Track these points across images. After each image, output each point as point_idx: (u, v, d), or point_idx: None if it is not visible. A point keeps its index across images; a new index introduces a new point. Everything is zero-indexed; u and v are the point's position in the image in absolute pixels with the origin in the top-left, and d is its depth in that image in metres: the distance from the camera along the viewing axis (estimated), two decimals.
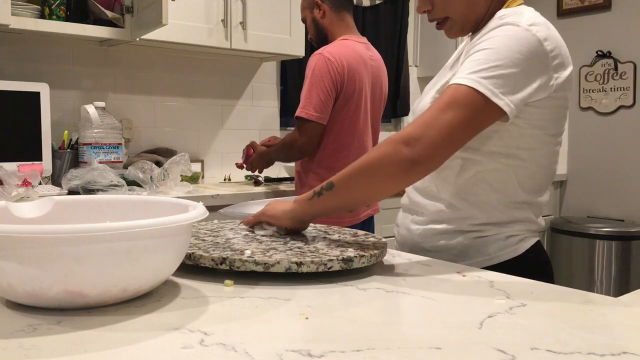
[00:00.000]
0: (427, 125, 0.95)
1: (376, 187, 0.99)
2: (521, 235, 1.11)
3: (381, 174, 0.97)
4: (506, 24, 1.01)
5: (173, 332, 0.64)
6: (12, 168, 1.93)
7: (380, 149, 0.97)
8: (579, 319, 0.71)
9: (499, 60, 0.97)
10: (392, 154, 0.95)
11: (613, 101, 3.62)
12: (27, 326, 0.65)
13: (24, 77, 2.35)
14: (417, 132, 0.95)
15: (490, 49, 0.99)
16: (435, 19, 1.15)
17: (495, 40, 1.00)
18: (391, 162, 0.95)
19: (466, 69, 0.99)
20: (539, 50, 1.00)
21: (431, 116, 0.96)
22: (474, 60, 0.99)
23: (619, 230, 3.36)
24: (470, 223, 1.10)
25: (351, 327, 0.66)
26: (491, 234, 1.10)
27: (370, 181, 0.98)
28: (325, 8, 2.24)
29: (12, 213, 0.84)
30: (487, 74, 0.97)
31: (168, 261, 0.75)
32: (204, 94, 2.92)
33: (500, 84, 0.96)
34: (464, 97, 0.96)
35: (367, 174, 0.97)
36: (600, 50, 3.64)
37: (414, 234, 1.17)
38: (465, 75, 0.98)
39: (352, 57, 2.15)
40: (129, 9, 2.28)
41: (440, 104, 0.97)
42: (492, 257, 1.09)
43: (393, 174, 0.96)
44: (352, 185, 0.99)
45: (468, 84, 0.96)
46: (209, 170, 2.95)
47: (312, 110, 2.08)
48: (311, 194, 1.02)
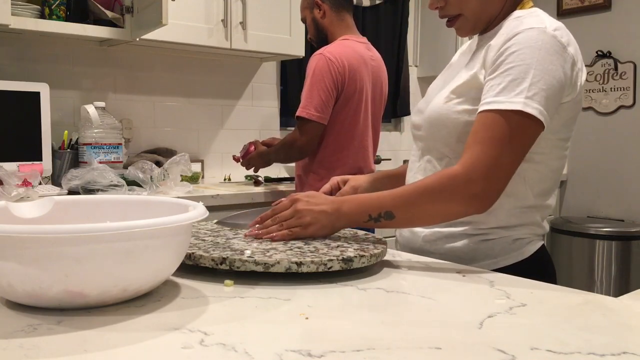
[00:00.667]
0: (492, 166, 0.97)
1: (437, 221, 1.04)
2: (528, 239, 1.10)
3: (446, 213, 1.01)
4: (532, 29, 1.00)
5: (173, 332, 0.64)
6: (12, 168, 1.93)
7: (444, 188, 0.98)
8: (579, 319, 0.71)
9: (537, 76, 0.97)
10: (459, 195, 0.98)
11: (613, 101, 3.62)
12: (27, 326, 0.65)
13: (24, 77, 2.35)
14: (483, 174, 0.96)
15: (525, 64, 0.98)
16: (447, 16, 1.13)
17: (528, 53, 0.98)
18: (457, 202, 0.98)
19: (507, 90, 0.98)
20: (566, 57, 1.00)
21: (494, 155, 0.97)
22: (513, 80, 0.98)
23: (619, 230, 3.36)
24: (477, 227, 1.10)
25: (351, 327, 0.66)
26: (498, 237, 1.09)
27: (433, 218, 1.02)
28: (325, 8, 2.24)
29: (12, 213, 0.84)
30: (530, 93, 0.96)
31: (168, 261, 0.75)
32: (204, 94, 2.92)
33: (543, 99, 0.97)
34: (517, 125, 0.97)
35: (431, 213, 1.00)
36: (600, 50, 3.64)
37: (418, 237, 1.16)
38: (510, 98, 0.97)
39: (352, 57, 2.15)
40: (129, 9, 2.28)
41: (498, 137, 0.97)
42: (499, 260, 1.08)
43: (458, 212, 1.01)
44: (413, 220, 1.03)
45: (519, 108, 0.96)
46: (209, 170, 2.95)
47: (313, 110, 2.08)
48: (366, 217, 1.01)
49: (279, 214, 1.03)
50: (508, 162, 0.98)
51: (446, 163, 1.11)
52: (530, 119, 0.97)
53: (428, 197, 0.99)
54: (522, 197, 1.08)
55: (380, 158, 3.09)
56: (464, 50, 1.22)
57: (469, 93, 1.06)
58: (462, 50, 1.25)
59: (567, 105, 1.04)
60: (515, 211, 1.09)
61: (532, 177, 1.07)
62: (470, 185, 0.97)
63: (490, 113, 0.98)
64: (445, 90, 1.12)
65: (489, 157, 0.97)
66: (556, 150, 1.08)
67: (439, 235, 1.13)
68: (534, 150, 1.05)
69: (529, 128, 0.98)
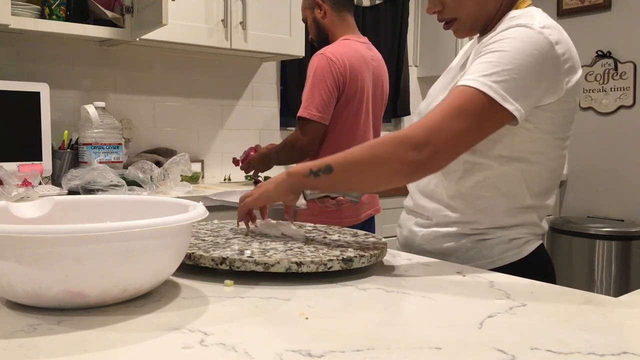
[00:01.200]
0: (436, 131, 0.95)
1: (375, 183, 1.01)
2: (525, 238, 1.10)
3: (384, 172, 0.97)
4: (518, 26, 1.00)
5: (173, 332, 0.64)
6: (12, 168, 1.93)
7: (385, 147, 0.97)
8: (579, 319, 0.71)
9: (511, 64, 0.96)
10: (399, 154, 0.95)
11: (613, 101, 3.61)
12: (27, 326, 0.65)
13: (24, 77, 2.35)
14: (426, 137, 0.94)
15: (502, 51, 0.98)
16: (444, 19, 1.15)
17: (507, 42, 0.98)
18: (396, 162, 0.95)
19: (477, 70, 0.98)
20: (551, 54, 0.99)
21: (440, 121, 0.95)
22: (485, 62, 0.98)
23: (619, 230, 3.36)
24: (474, 227, 1.10)
25: (351, 327, 0.66)
26: (495, 236, 1.09)
27: (370, 176, 0.98)
28: (326, 8, 2.23)
29: (12, 213, 0.84)
30: (498, 78, 0.96)
31: (168, 261, 0.75)
32: (204, 94, 2.92)
33: (511, 88, 0.96)
34: (473, 102, 0.95)
35: (369, 169, 0.98)
36: (600, 50, 3.64)
37: (416, 236, 1.16)
38: (475, 77, 0.97)
39: (353, 57, 2.15)
40: (129, 9, 2.28)
41: (449, 107, 0.96)
42: (495, 259, 1.08)
43: (395, 173, 0.97)
44: (351, 177, 1.00)
45: (479, 87, 0.95)
46: (209, 170, 2.95)
47: (315, 110, 2.08)
48: (307, 170, 1.01)
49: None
50: (453, 132, 0.95)
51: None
52: (492, 103, 0.95)
53: (367, 150, 0.98)
54: (519, 198, 1.08)
55: None
56: (463, 53, 1.23)
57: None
58: (462, 52, 1.25)
59: (556, 105, 1.03)
60: (512, 211, 1.09)
61: (529, 177, 1.07)
62: (409, 144, 0.95)
63: (456, 88, 0.99)
64: (442, 92, 1.13)
65: (435, 122, 0.96)
66: (553, 150, 1.08)
67: (437, 234, 1.13)
68: (530, 150, 1.05)
69: (488, 111, 0.96)
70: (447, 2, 1.11)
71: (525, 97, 0.97)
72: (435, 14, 1.15)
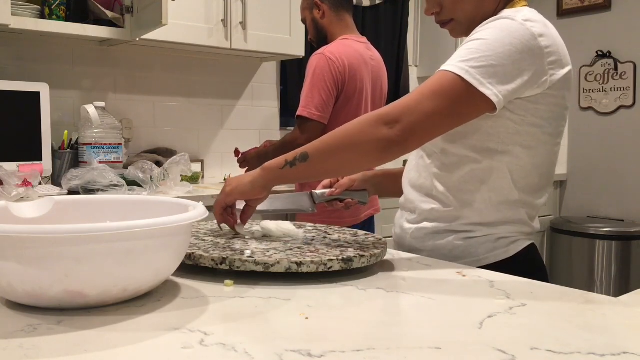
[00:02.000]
0: (409, 109, 0.96)
1: (351, 162, 1.01)
2: (512, 238, 1.10)
3: (358, 150, 0.98)
4: (501, 18, 1.02)
5: (173, 332, 0.64)
6: (12, 168, 1.93)
7: (359, 126, 0.98)
8: (579, 319, 0.71)
9: (490, 51, 0.98)
10: (371, 131, 0.97)
11: (613, 101, 3.61)
12: (27, 326, 0.65)
13: (24, 77, 2.35)
14: (398, 114, 0.96)
15: (482, 39, 1.00)
16: (442, 21, 1.16)
17: (489, 32, 1.00)
18: (369, 139, 0.97)
19: (456, 57, 1.00)
20: (532, 45, 0.99)
21: (415, 100, 0.97)
22: (465, 49, 1.00)
23: (619, 230, 3.35)
24: (461, 222, 1.10)
25: (351, 327, 0.66)
26: (481, 234, 1.09)
27: (346, 156, 0.99)
28: (324, 8, 2.24)
29: (12, 213, 0.84)
30: (476, 64, 0.97)
31: (168, 261, 0.75)
32: (204, 94, 2.92)
33: (488, 74, 0.97)
34: (449, 85, 0.97)
35: (343, 149, 0.99)
36: (600, 50, 3.63)
37: (407, 233, 1.17)
38: (454, 62, 0.98)
39: (352, 57, 2.15)
40: (129, 9, 2.28)
41: (425, 89, 0.98)
42: (481, 258, 1.08)
43: (369, 151, 0.98)
44: (327, 159, 1.00)
45: (456, 71, 0.97)
46: (209, 170, 2.95)
47: (314, 109, 2.08)
48: (282, 162, 1.01)
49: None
50: (426, 111, 0.96)
51: (435, 159, 1.12)
52: (469, 87, 0.96)
53: (341, 131, 0.99)
54: (506, 192, 1.08)
55: None
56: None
57: None
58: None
59: (541, 98, 1.03)
60: (498, 207, 1.08)
61: (515, 171, 1.07)
62: (382, 122, 0.96)
63: (435, 73, 1.00)
64: None
65: (408, 101, 0.98)
66: (543, 145, 1.07)
67: (425, 232, 1.13)
68: (516, 143, 1.05)
69: (464, 95, 0.97)
70: (445, 3, 1.12)
71: (503, 83, 0.98)
72: (433, 15, 1.16)
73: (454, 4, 1.12)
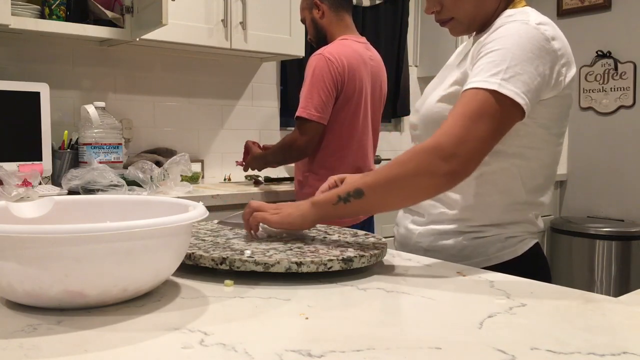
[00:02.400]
0: (462, 140, 0.95)
1: (408, 198, 1.01)
2: (520, 237, 1.11)
3: (417, 188, 0.97)
4: (515, 21, 1.02)
5: (173, 332, 0.64)
6: (12, 168, 1.93)
7: (414, 161, 0.96)
8: (579, 319, 0.71)
9: (514, 60, 0.97)
10: (429, 168, 0.95)
11: (613, 101, 3.61)
12: (27, 326, 0.65)
13: (24, 77, 2.35)
14: (453, 147, 0.94)
15: (504, 49, 0.99)
16: (442, 20, 1.16)
17: (507, 40, 1.00)
18: (428, 176, 0.95)
19: (483, 71, 0.99)
20: (548, 48, 1.00)
21: (464, 128, 0.95)
22: (489, 62, 0.99)
23: (619, 230, 3.35)
24: (470, 224, 1.10)
25: (351, 327, 0.66)
26: (490, 234, 1.10)
27: (403, 193, 0.98)
28: (324, 8, 2.24)
29: (12, 213, 0.84)
30: (505, 75, 0.97)
31: (168, 261, 0.75)
32: (204, 94, 2.92)
33: (519, 83, 0.97)
34: (489, 103, 0.96)
35: (401, 186, 0.97)
36: (600, 50, 3.63)
37: (412, 234, 1.17)
38: (484, 78, 0.98)
39: (352, 57, 2.15)
40: (129, 9, 2.28)
41: (468, 113, 0.96)
42: (491, 257, 1.09)
43: (429, 187, 0.97)
44: (384, 196, 0.98)
45: (491, 87, 0.96)
46: (209, 170, 2.95)
47: (313, 110, 2.08)
48: (335, 198, 0.99)
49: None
50: (478, 137, 0.95)
51: None
52: (506, 100, 0.96)
53: (397, 168, 0.97)
54: (515, 194, 1.09)
55: (380, 158, 3.09)
56: (460, 51, 1.24)
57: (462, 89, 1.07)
58: (459, 51, 1.26)
59: (553, 101, 1.04)
60: (508, 208, 1.09)
61: (524, 173, 1.08)
62: (439, 157, 0.95)
63: (467, 92, 0.99)
64: (439, 90, 1.14)
65: (459, 130, 0.95)
66: (548, 145, 1.09)
67: (433, 232, 1.13)
68: (525, 145, 1.05)
69: (504, 108, 0.97)
70: (446, 2, 1.12)
71: (530, 90, 0.98)
72: (434, 14, 1.16)
73: (455, 3, 1.11)
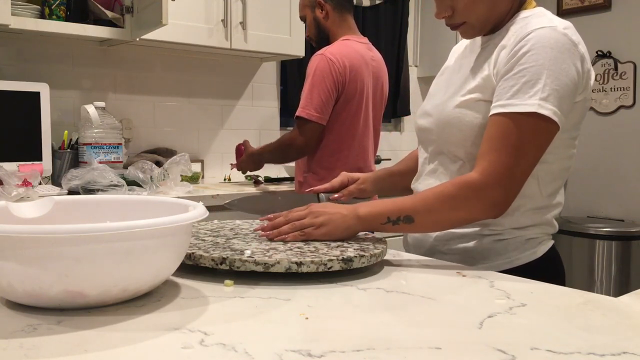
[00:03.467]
0: (509, 183, 0.99)
1: (458, 222, 1.05)
2: (540, 238, 1.11)
3: (466, 221, 1.04)
4: (543, 28, 1.00)
5: (173, 332, 0.64)
6: (12, 168, 1.93)
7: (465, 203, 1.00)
8: (579, 319, 0.71)
9: (550, 77, 0.97)
10: (480, 209, 1.00)
11: (613, 101, 3.62)
12: (27, 326, 0.65)
13: (24, 77, 2.35)
14: (503, 194, 0.99)
15: (537, 65, 0.98)
16: (454, 24, 1.12)
17: (541, 54, 0.98)
18: (478, 214, 1.01)
19: (522, 92, 0.98)
20: (576, 54, 1.00)
21: (509, 167, 0.98)
22: (525, 82, 0.98)
23: (619, 230, 3.35)
24: (492, 228, 1.09)
25: (351, 327, 0.66)
26: (511, 237, 1.09)
27: (452, 225, 1.06)
28: (328, 9, 2.23)
29: (12, 213, 0.84)
30: (543, 94, 0.97)
31: (168, 261, 0.75)
32: (204, 94, 2.92)
33: (556, 100, 0.97)
34: (531, 128, 0.97)
35: (451, 221, 1.03)
36: (600, 50, 3.64)
37: (429, 237, 1.16)
38: (523, 101, 0.97)
39: (354, 58, 2.15)
40: (129, 9, 2.28)
41: (511, 145, 0.98)
42: (513, 259, 1.08)
43: (478, 213, 1.02)
44: (433, 227, 1.06)
45: (531, 110, 0.96)
46: (209, 170, 2.95)
47: (313, 110, 2.08)
48: (384, 218, 1.02)
49: (292, 215, 1.03)
50: (524, 168, 1.00)
51: (459, 166, 1.10)
52: (546, 120, 0.97)
53: (448, 204, 1.00)
54: (536, 198, 1.09)
55: (380, 158, 3.10)
56: (464, 51, 1.20)
57: (484, 96, 1.05)
58: (459, 51, 1.23)
59: (578, 106, 1.04)
60: (530, 212, 1.09)
61: (544, 177, 1.08)
62: (488, 193, 0.99)
63: (505, 117, 0.99)
64: (456, 94, 1.11)
65: (506, 165, 0.98)
66: (567, 149, 1.08)
67: (452, 236, 1.12)
68: (548, 151, 1.04)
69: (544, 130, 0.98)
70: (458, 7, 1.08)
71: (566, 103, 0.99)
72: (444, 18, 1.12)
73: (467, 7, 1.08)
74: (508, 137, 0.98)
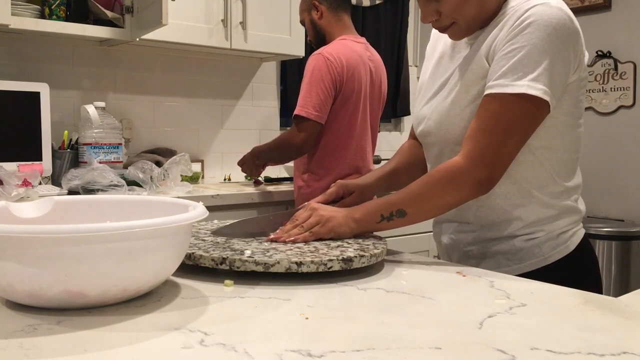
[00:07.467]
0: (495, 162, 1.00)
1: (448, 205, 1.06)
2: (571, 230, 1.10)
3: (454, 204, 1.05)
4: (536, 5, 0.99)
5: (173, 332, 0.64)
6: (12, 168, 1.93)
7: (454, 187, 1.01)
8: (579, 319, 0.71)
9: (541, 55, 0.97)
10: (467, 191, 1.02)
11: (613, 101, 3.62)
12: (27, 326, 0.65)
13: (24, 77, 2.35)
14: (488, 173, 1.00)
15: (531, 44, 0.97)
16: (442, 27, 1.11)
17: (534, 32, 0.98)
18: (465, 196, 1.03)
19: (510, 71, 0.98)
20: (572, 30, 1.00)
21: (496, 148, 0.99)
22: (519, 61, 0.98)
23: (619, 230, 3.35)
24: (519, 226, 1.09)
25: (351, 327, 0.66)
26: (542, 234, 1.08)
27: (441, 211, 1.07)
28: (322, 9, 2.24)
29: (12, 213, 0.84)
30: (534, 74, 0.96)
31: (168, 261, 0.75)
32: (204, 94, 2.92)
33: (547, 80, 0.97)
34: (520, 108, 0.98)
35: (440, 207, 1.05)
36: (600, 50, 3.64)
37: (459, 243, 1.16)
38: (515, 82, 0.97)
39: (351, 57, 2.16)
40: (129, 9, 2.28)
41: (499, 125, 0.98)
42: (547, 257, 1.08)
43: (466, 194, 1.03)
44: (424, 216, 1.06)
45: (523, 91, 0.96)
46: (209, 170, 2.95)
47: (312, 109, 2.08)
48: (378, 217, 1.04)
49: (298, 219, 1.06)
50: (511, 149, 1.00)
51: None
52: (535, 100, 0.97)
53: (436, 191, 1.02)
54: (550, 185, 1.08)
55: (380, 158, 3.09)
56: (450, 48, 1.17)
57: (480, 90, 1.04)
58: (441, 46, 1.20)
59: (575, 84, 1.04)
60: (548, 202, 1.08)
61: (554, 162, 1.07)
62: (472, 174, 1.00)
63: (495, 98, 0.99)
64: (450, 94, 1.10)
65: (491, 145, 0.99)
66: (571, 130, 1.08)
67: (484, 239, 1.12)
68: (551, 135, 1.05)
69: (533, 110, 0.98)
70: (444, 10, 1.07)
71: (557, 84, 0.99)
72: (431, 23, 1.11)
73: (454, 10, 1.06)
74: (496, 117, 0.99)
